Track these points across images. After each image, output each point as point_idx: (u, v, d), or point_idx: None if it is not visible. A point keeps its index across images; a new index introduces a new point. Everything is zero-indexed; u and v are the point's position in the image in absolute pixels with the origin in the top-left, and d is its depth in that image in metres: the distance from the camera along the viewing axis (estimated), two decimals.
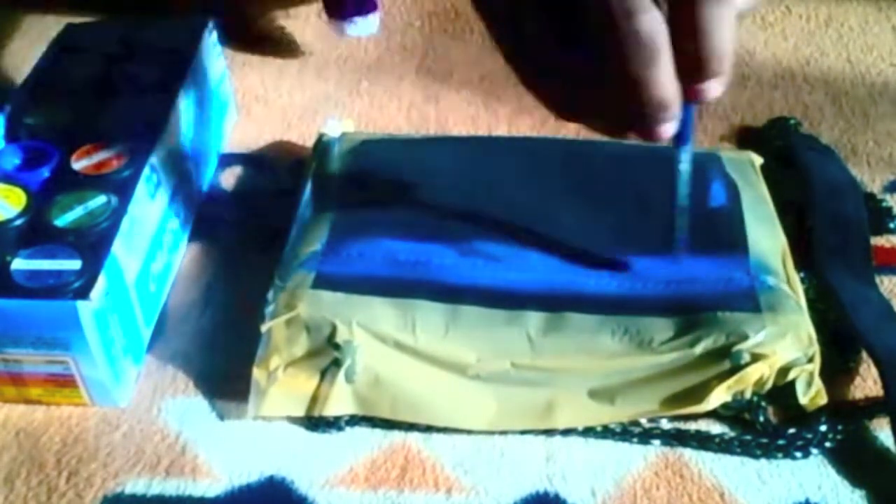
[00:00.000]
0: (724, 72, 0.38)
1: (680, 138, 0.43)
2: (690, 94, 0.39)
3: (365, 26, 0.71)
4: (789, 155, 0.61)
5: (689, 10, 0.37)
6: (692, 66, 0.38)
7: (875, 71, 0.72)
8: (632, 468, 0.46)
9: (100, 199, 0.50)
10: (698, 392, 0.46)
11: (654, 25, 0.37)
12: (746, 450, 0.46)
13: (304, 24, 0.77)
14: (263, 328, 0.47)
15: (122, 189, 0.50)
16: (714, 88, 0.39)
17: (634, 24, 0.37)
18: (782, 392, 0.46)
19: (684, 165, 0.46)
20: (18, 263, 0.46)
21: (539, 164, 0.56)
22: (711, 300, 0.47)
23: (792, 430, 0.46)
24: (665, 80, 0.38)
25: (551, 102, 0.42)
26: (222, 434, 0.48)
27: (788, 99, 0.69)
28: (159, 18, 0.64)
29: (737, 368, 0.45)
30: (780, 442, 0.46)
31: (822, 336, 0.47)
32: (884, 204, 0.59)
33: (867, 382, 0.49)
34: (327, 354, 0.47)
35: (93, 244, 0.47)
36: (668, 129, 0.40)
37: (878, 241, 0.57)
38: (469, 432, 0.47)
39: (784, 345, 0.46)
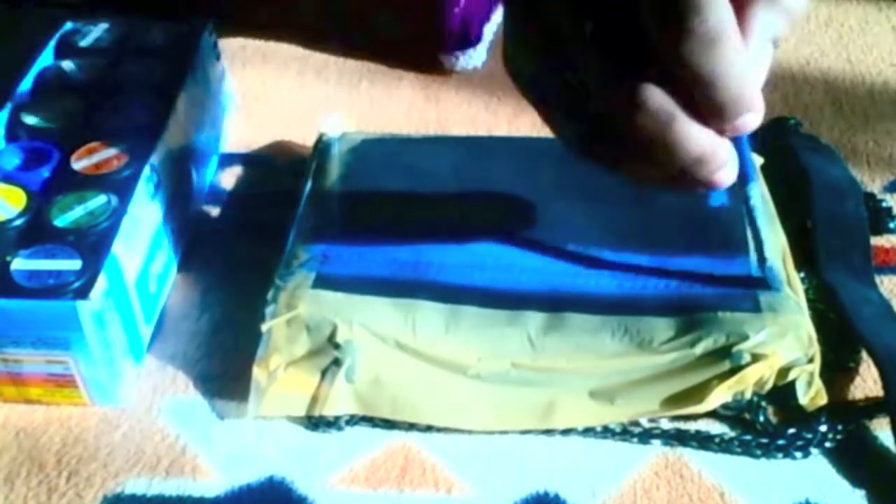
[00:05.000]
0: (751, 107, 0.36)
1: (742, 178, 0.41)
2: (727, 134, 0.37)
3: (468, 60, 0.69)
4: (789, 155, 0.61)
5: (686, 65, 0.35)
6: (713, 115, 0.36)
7: (875, 71, 0.72)
8: (632, 468, 0.46)
9: (100, 199, 0.50)
10: (698, 392, 0.46)
11: (655, 93, 0.36)
12: (746, 450, 0.46)
13: (305, 24, 0.77)
14: (264, 328, 0.47)
15: (122, 189, 0.50)
16: (748, 122, 0.36)
17: (637, 97, 0.36)
18: (782, 392, 0.46)
19: (756, 202, 0.45)
20: (18, 263, 0.46)
21: (539, 164, 0.56)
22: (712, 300, 0.47)
23: (792, 430, 0.46)
24: (689, 137, 0.36)
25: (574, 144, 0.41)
26: (222, 434, 0.48)
27: (788, 99, 0.69)
28: (159, 18, 0.64)
29: (737, 368, 0.45)
30: (780, 442, 0.46)
31: (822, 336, 0.47)
32: (884, 204, 0.59)
33: (867, 382, 0.49)
34: (328, 354, 0.47)
35: (93, 244, 0.47)
36: (726, 175, 0.38)
37: (878, 241, 0.57)
38: (469, 432, 0.47)
39: (784, 345, 0.45)
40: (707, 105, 0.36)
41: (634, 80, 0.36)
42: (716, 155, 0.37)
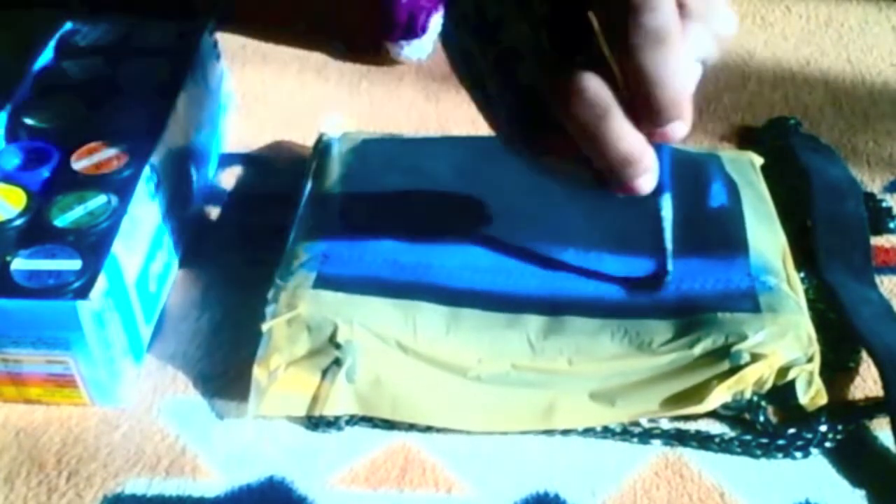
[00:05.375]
0: (683, 115, 0.37)
1: (658, 188, 0.42)
2: (654, 138, 0.38)
3: (413, 51, 0.71)
4: (789, 155, 0.61)
5: (632, 58, 0.36)
6: (648, 115, 0.37)
7: (875, 71, 0.72)
8: (632, 468, 0.46)
9: (100, 199, 0.50)
10: (698, 392, 0.46)
11: (595, 84, 0.36)
12: (746, 450, 0.46)
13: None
14: (264, 327, 0.47)
15: (122, 189, 0.50)
16: (678, 130, 0.37)
17: (576, 85, 0.36)
18: (782, 392, 0.46)
19: (666, 213, 0.45)
20: (18, 263, 0.46)
21: None
22: (711, 301, 0.47)
23: (792, 430, 0.46)
24: (621, 135, 0.37)
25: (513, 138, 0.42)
26: (222, 434, 0.48)
27: (788, 99, 0.69)
28: (159, 18, 0.64)
29: (736, 368, 0.45)
30: (780, 442, 0.46)
31: (822, 336, 0.47)
32: (884, 204, 0.59)
33: (867, 382, 0.49)
34: (328, 354, 0.47)
35: (93, 244, 0.47)
36: (646, 182, 0.39)
37: (878, 241, 0.57)
38: (469, 432, 0.47)
39: (784, 344, 0.45)
40: (644, 104, 0.36)
41: (577, 67, 0.37)
42: (642, 159, 0.38)
